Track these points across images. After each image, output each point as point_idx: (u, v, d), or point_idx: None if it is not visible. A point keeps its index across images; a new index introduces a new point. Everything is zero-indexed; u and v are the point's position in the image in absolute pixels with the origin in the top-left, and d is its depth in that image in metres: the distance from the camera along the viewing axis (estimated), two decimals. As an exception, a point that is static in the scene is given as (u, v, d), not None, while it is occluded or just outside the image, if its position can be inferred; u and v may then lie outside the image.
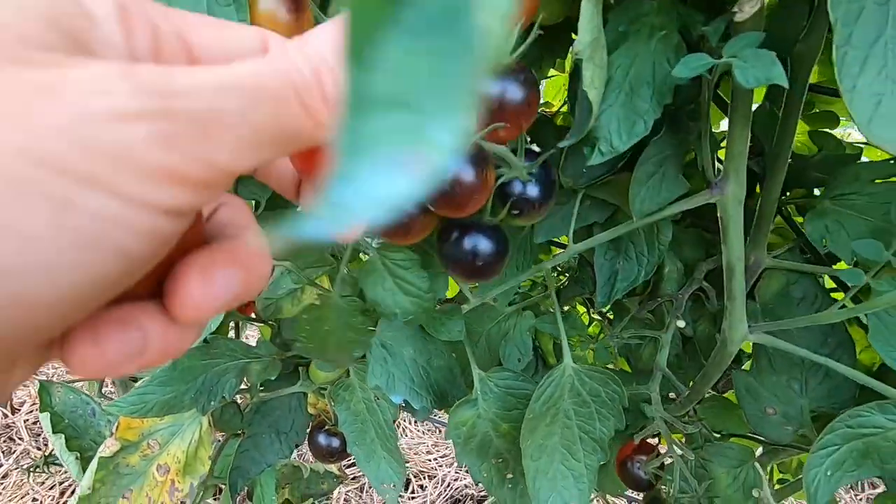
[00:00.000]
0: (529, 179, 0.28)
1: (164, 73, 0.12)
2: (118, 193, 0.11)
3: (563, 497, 0.40)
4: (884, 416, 0.34)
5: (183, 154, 0.12)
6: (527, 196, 0.28)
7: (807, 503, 0.35)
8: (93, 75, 0.11)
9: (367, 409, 0.49)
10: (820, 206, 0.43)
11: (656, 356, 0.54)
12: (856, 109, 0.24)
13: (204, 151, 0.12)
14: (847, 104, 0.24)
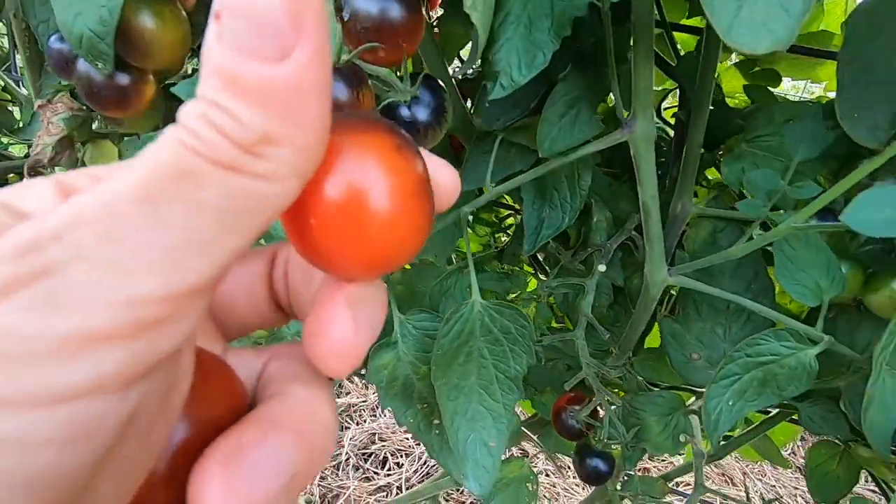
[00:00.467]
0: (411, 102, 0.28)
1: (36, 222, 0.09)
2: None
3: (482, 437, 0.41)
4: (779, 343, 0.35)
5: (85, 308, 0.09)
6: (410, 121, 0.28)
7: (707, 433, 0.36)
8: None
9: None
10: (737, 149, 0.43)
11: (603, 309, 0.55)
12: (716, 15, 0.24)
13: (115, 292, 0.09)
14: (707, 10, 0.24)
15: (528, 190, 0.47)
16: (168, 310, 0.09)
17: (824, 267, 0.36)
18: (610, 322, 0.57)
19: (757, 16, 0.23)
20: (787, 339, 0.35)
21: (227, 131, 0.10)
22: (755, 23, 0.23)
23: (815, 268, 0.36)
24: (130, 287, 0.09)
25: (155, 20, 0.33)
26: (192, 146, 0.10)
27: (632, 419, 0.52)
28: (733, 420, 0.36)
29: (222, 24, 0.10)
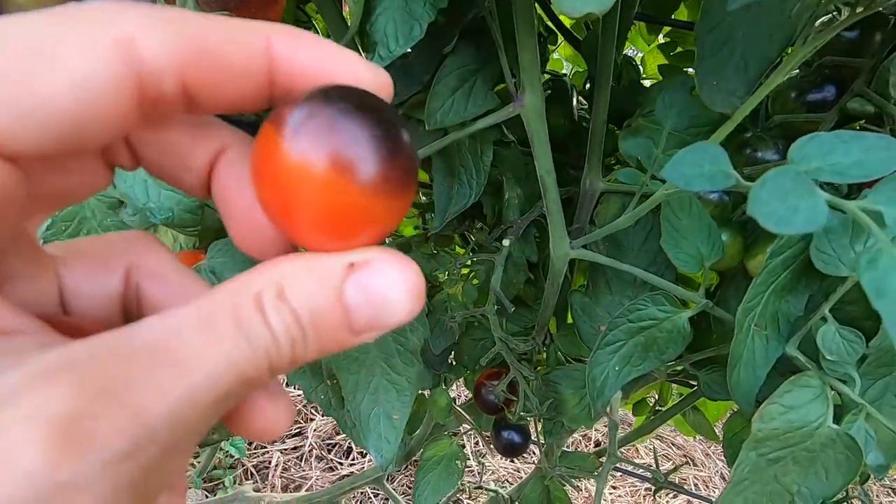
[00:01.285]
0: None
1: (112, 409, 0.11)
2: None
3: (385, 410, 0.41)
4: (656, 308, 0.36)
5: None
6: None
7: (591, 399, 0.37)
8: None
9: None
10: (635, 123, 0.44)
11: (518, 287, 0.55)
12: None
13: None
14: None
15: (437, 169, 0.48)
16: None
17: (705, 234, 0.37)
18: (532, 299, 0.58)
19: (585, -19, 0.24)
20: (663, 304, 0.36)
21: (297, 357, 0.13)
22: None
23: (697, 236, 0.37)
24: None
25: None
26: (271, 358, 0.13)
27: (549, 393, 0.53)
28: (619, 385, 0.37)
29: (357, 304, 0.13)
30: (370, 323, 0.14)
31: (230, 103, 0.14)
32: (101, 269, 0.16)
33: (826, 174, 0.21)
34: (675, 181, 0.23)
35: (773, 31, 0.31)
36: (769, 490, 0.30)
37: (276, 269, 0.13)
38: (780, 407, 0.28)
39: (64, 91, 0.11)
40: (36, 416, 0.10)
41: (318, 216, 0.13)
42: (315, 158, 0.12)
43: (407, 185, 0.13)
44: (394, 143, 0.13)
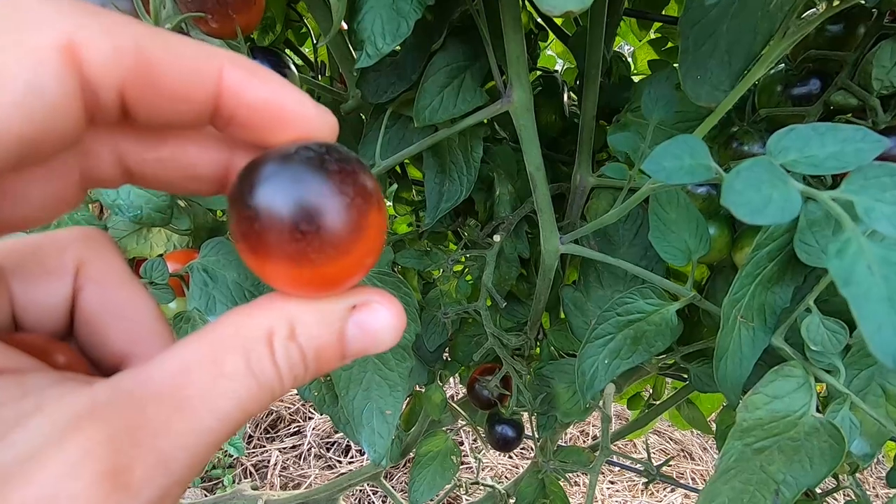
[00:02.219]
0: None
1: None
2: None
3: (378, 405, 0.42)
4: (644, 301, 0.36)
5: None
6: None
7: (580, 392, 0.37)
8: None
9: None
10: (624, 118, 0.44)
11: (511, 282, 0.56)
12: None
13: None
14: (521, -26, 0.24)
15: (429, 165, 0.48)
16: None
17: (693, 228, 0.37)
18: (525, 295, 0.59)
19: (567, -23, 0.24)
20: (651, 297, 0.36)
21: (296, 385, 0.14)
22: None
23: (684, 229, 0.37)
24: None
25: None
26: (274, 393, 0.14)
27: (542, 387, 0.53)
28: (608, 378, 0.37)
29: (353, 338, 0.15)
30: (361, 352, 0.15)
31: (165, 122, 0.13)
32: (52, 275, 0.15)
33: (803, 166, 0.22)
34: (656, 175, 0.23)
35: (757, 25, 0.31)
36: (755, 479, 0.31)
37: (285, 308, 0.14)
38: (764, 397, 0.29)
39: (8, 110, 0.10)
40: (79, 473, 0.10)
41: (302, 283, 0.14)
42: (286, 239, 0.13)
43: (369, 229, 0.14)
44: (346, 203, 0.13)
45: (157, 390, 0.12)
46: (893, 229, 0.17)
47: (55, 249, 0.15)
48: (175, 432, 0.12)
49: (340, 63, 0.48)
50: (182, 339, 0.13)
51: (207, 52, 0.13)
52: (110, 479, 0.11)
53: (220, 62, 0.13)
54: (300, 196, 0.12)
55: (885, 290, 0.15)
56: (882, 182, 0.18)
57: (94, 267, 0.15)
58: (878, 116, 0.33)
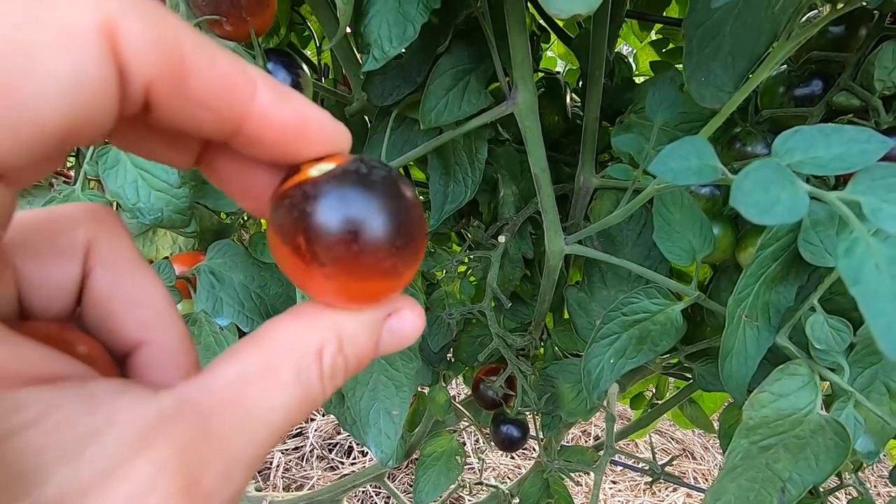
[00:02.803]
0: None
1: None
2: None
3: (385, 406, 0.42)
4: (649, 301, 0.37)
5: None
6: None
7: (586, 391, 0.38)
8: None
9: (215, 342, 0.50)
10: (627, 120, 0.45)
11: (515, 283, 0.56)
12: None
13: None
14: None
15: (434, 167, 0.48)
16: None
17: (697, 228, 0.37)
18: (529, 295, 0.59)
19: (574, -18, 0.24)
20: (656, 297, 0.36)
21: (338, 386, 0.15)
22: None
23: (689, 229, 0.38)
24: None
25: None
26: (316, 403, 0.14)
27: (547, 387, 0.53)
28: (614, 377, 0.38)
29: (386, 344, 0.16)
30: (388, 353, 0.17)
31: (179, 129, 0.12)
32: (63, 254, 0.14)
33: (808, 167, 0.22)
34: (663, 175, 0.23)
35: (760, 27, 0.32)
36: (761, 476, 0.31)
37: (333, 321, 0.15)
38: (769, 395, 0.29)
39: (51, 101, 0.10)
40: (154, 489, 0.11)
41: (351, 297, 0.14)
42: (343, 254, 0.13)
43: (417, 245, 0.14)
44: (399, 221, 0.13)
45: (219, 400, 0.13)
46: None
47: (65, 226, 0.14)
48: (237, 443, 0.12)
49: (345, 66, 0.48)
50: (235, 347, 0.14)
51: (244, 67, 0.13)
52: (183, 493, 0.11)
53: (256, 80, 0.13)
54: (359, 213, 0.13)
55: (892, 288, 0.15)
56: (889, 183, 0.18)
57: (105, 248, 0.15)
58: (880, 117, 0.33)
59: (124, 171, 0.31)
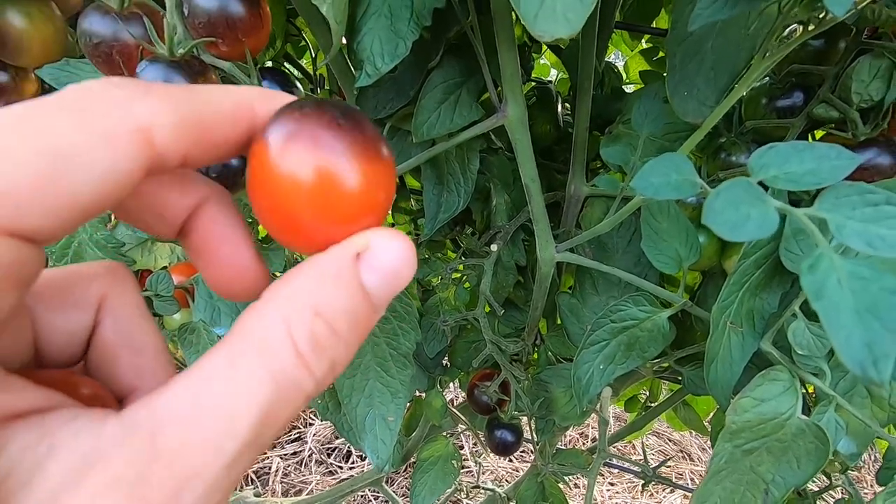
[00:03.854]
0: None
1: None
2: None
3: (381, 412, 0.43)
4: (637, 308, 0.37)
5: None
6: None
7: (576, 397, 0.38)
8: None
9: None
10: (616, 130, 0.46)
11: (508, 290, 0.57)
12: (523, 8, 0.26)
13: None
14: (514, 3, 0.26)
15: (427, 177, 0.49)
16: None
17: (683, 237, 0.38)
18: (523, 301, 0.60)
19: (558, 6, 0.25)
20: (643, 304, 0.37)
21: (339, 357, 0.14)
22: (556, 13, 0.25)
23: (675, 238, 0.39)
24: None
25: (23, 19, 0.34)
26: (298, 381, 0.13)
27: (541, 392, 0.54)
28: (604, 383, 0.38)
29: (376, 286, 0.14)
30: (388, 296, 0.15)
31: (210, 162, 0.15)
32: (78, 306, 0.15)
33: (782, 182, 0.23)
34: (644, 191, 0.24)
35: (741, 43, 0.33)
36: (745, 479, 0.32)
37: (292, 287, 0.13)
38: (752, 400, 0.30)
39: (89, 188, 0.12)
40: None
41: (317, 219, 0.14)
42: (305, 172, 0.14)
43: (384, 166, 0.15)
44: (365, 141, 0.14)
45: (166, 418, 0.12)
46: (863, 245, 0.18)
47: (82, 281, 0.16)
48: (188, 460, 0.12)
49: (340, 78, 0.49)
50: (201, 358, 0.13)
51: (238, 94, 0.14)
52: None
53: (249, 100, 0.14)
54: (311, 134, 0.14)
55: (853, 302, 0.16)
56: (852, 200, 0.19)
57: (115, 300, 0.16)
58: (857, 129, 0.34)
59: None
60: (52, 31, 0.35)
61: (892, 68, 0.34)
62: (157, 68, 0.26)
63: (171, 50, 0.27)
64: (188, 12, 0.27)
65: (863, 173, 0.34)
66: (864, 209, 0.19)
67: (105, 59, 0.28)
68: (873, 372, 0.15)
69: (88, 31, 0.28)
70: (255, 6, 0.28)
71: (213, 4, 0.27)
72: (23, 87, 0.37)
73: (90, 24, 0.28)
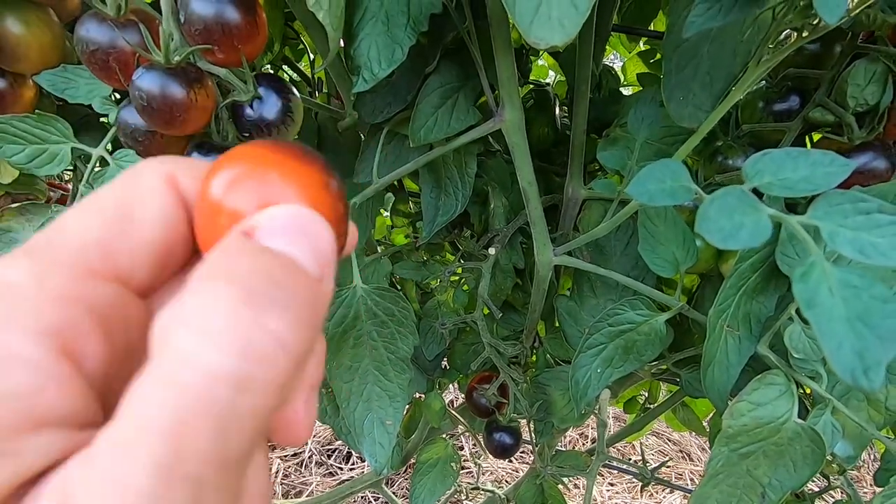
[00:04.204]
0: (255, 102, 0.29)
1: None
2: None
3: (379, 416, 0.43)
4: (634, 313, 0.38)
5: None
6: (253, 119, 0.29)
7: (574, 400, 0.39)
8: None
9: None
10: (613, 133, 0.46)
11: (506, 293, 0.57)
12: (518, 16, 0.26)
13: None
14: (510, 11, 0.26)
15: (425, 181, 0.49)
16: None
17: (680, 240, 0.39)
18: (521, 304, 0.60)
19: (553, 13, 0.25)
20: (640, 308, 0.38)
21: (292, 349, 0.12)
22: (551, 20, 0.25)
23: (672, 241, 0.39)
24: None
25: (21, 25, 0.34)
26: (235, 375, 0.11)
27: (539, 395, 0.54)
28: (601, 386, 0.39)
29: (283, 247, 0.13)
30: (316, 257, 0.13)
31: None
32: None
33: (777, 188, 0.23)
34: (639, 197, 0.24)
35: (736, 49, 0.33)
36: (742, 483, 0.32)
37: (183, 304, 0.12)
38: (748, 404, 0.30)
39: (150, 227, 0.15)
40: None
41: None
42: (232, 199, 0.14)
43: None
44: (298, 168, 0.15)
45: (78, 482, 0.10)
46: (855, 252, 0.18)
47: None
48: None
49: (337, 82, 0.49)
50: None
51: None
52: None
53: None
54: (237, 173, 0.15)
55: (844, 311, 0.16)
56: (844, 208, 0.19)
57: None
58: (853, 133, 0.34)
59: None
60: (50, 38, 0.35)
61: (888, 72, 0.34)
62: (153, 75, 0.26)
63: (167, 57, 0.27)
64: (184, 19, 0.27)
65: (859, 177, 0.35)
66: (856, 217, 0.19)
67: (102, 65, 0.29)
68: (864, 381, 0.15)
69: (85, 39, 0.28)
70: (251, 13, 0.28)
71: (209, 12, 0.27)
72: (21, 94, 0.37)
73: (87, 32, 0.28)
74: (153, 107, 0.27)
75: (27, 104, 0.38)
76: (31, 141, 0.32)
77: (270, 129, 0.30)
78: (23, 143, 0.32)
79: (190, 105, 0.27)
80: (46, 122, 0.33)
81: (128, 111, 0.30)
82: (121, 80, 0.29)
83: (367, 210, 0.55)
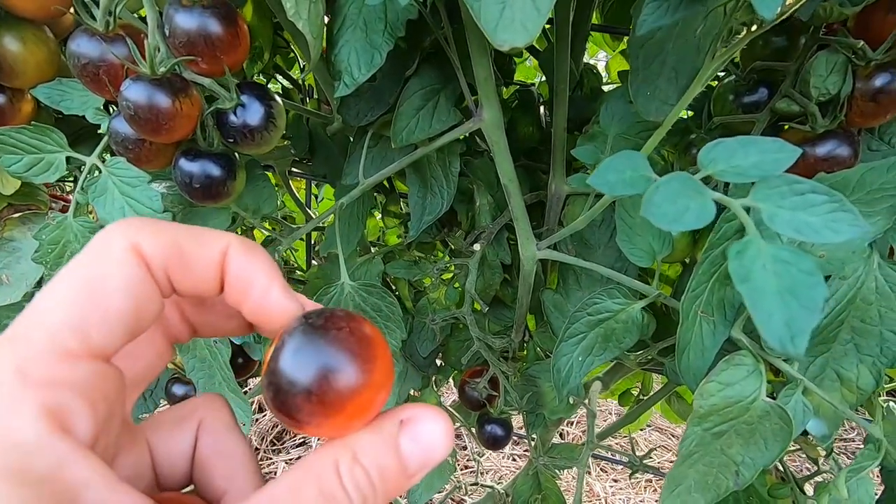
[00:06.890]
0: (238, 109, 0.31)
1: None
2: None
3: (371, 410, 0.44)
4: (611, 301, 0.39)
5: None
6: (237, 125, 0.31)
7: (556, 388, 0.40)
8: None
9: (210, 353, 0.52)
10: (592, 130, 0.47)
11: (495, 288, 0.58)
12: (483, 19, 0.27)
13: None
14: (475, 14, 0.27)
15: (411, 181, 0.51)
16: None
17: (656, 231, 0.40)
18: (510, 299, 0.61)
19: (516, 17, 0.26)
20: (617, 297, 0.39)
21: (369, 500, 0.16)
22: (515, 23, 0.27)
23: (648, 232, 0.40)
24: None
25: (18, 43, 0.35)
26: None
27: (529, 387, 0.55)
28: (583, 374, 0.40)
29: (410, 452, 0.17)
30: (421, 465, 0.17)
31: (194, 289, 0.18)
32: (180, 427, 0.19)
33: (730, 175, 0.24)
34: (600, 187, 0.26)
35: (699, 44, 0.34)
36: (717, 461, 0.33)
37: (346, 440, 0.17)
38: (717, 384, 0.31)
39: (120, 298, 0.16)
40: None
41: (338, 431, 0.16)
42: (315, 387, 0.16)
43: (384, 371, 0.17)
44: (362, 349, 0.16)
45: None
46: (792, 231, 0.20)
47: (186, 411, 0.20)
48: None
49: (324, 88, 0.51)
50: (270, 481, 0.17)
51: (214, 236, 0.18)
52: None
53: (225, 243, 0.18)
54: (308, 360, 0.16)
55: (776, 284, 0.18)
56: (782, 191, 0.20)
57: (210, 419, 0.20)
58: (817, 122, 0.36)
59: (112, 199, 0.33)
60: (46, 54, 0.36)
61: (847, 63, 0.35)
62: (139, 86, 0.28)
63: (153, 68, 0.28)
64: (169, 33, 0.29)
65: (823, 164, 0.36)
66: (792, 198, 0.20)
67: (92, 78, 0.30)
68: (791, 347, 0.17)
69: (76, 53, 0.30)
70: (232, 25, 0.30)
71: (192, 25, 0.29)
72: (20, 107, 0.38)
73: (78, 47, 0.30)
74: (141, 116, 0.28)
75: (25, 117, 0.39)
76: (28, 151, 0.33)
77: (254, 134, 0.31)
78: (20, 153, 0.33)
79: (176, 113, 0.28)
80: (42, 132, 0.35)
81: (118, 121, 0.31)
82: (111, 91, 0.31)
83: (357, 211, 0.57)
